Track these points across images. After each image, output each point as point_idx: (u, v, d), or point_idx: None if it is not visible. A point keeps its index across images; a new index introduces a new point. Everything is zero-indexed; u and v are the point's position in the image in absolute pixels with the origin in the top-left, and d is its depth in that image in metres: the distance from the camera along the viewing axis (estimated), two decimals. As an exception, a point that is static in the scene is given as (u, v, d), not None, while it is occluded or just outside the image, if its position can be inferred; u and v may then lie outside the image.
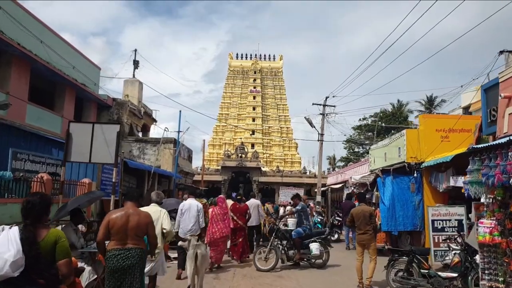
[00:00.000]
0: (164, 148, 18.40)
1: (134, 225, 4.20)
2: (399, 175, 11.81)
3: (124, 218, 4.20)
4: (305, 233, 9.37)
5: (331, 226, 15.48)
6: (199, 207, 8.26)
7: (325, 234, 9.80)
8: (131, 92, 20.36)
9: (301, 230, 9.38)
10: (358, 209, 8.12)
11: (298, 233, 9.30)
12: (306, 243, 9.35)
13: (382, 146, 13.89)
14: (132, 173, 13.96)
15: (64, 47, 15.70)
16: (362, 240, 7.82)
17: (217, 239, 9.02)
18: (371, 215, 7.83)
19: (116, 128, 9.02)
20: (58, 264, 2.96)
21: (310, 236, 9.45)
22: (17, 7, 12.96)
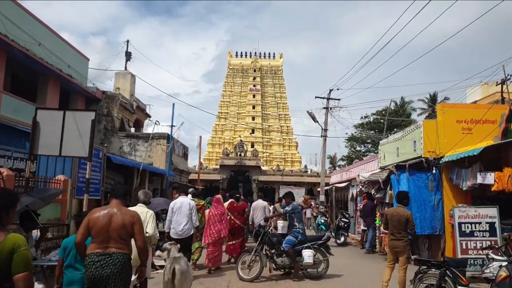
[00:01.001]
0: (156, 144, 17.00)
1: (117, 225, 3.68)
2: (415, 172, 10.40)
3: (106, 217, 3.69)
4: (297, 239, 7.79)
5: (336, 228, 14.07)
6: (191, 205, 7.73)
7: (323, 240, 8.00)
8: (123, 85, 18.96)
9: (292, 237, 7.77)
10: (393, 211, 6.83)
11: (289, 242, 7.67)
12: (299, 250, 7.78)
13: (394, 140, 12.48)
14: (118, 170, 12.56)
15: (48, 35, 14.31)
16: (395, 247, 6.55)
17: (215, 241, 8.48)
18: (408, 221, 6.51)
19: (90, 116, 7.68)
20: (15, 278, 2.45)
21: (303, 242, 7.84)
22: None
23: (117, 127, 17.49)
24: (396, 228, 6.56)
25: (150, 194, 5.91)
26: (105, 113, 17.23)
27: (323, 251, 7.93)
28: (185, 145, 20.53)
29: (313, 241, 7.92)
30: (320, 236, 8.12)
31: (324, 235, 8.11)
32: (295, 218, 7.92)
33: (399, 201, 7.03)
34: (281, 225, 8.37)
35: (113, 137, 17.15)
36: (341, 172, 19.23)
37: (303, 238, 7.84)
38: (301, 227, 7.90)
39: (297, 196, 29.76)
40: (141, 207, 5.37)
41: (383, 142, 13.63)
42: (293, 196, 8.44)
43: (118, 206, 3.83)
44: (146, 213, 5.23)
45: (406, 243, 6.52)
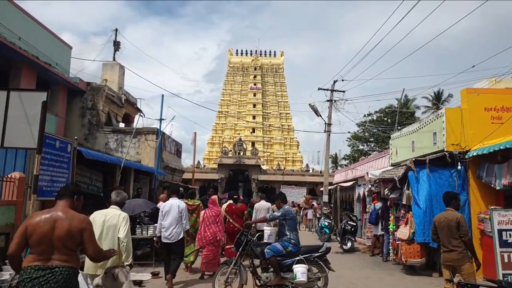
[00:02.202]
0: (145, 140, 15.40)
1: (62, 232, 3.06)
2: (436, 168, 8.77)
3: (48, 223, 3.07)
4: (285, 249, 6.05)
5: (342, 232, 12.42)
6: (181, 207, 7.14)
7: (321, 251, 6.18)
8: (111, 77, 17.37)
9: (279, 246, 6.08)
10: (440, 216, 5.36)
11: (274, 250, 6.04)
12: (289, 264, 6.05)
13: (409, 133, 10.84)
14: (96, 168, 10.96)
15: (23, 19, 12.73)
16: (448, 260, 5.07)
17: (210, 243, 7.97)
18: (459, 225, 5.04)
19: (41, 97, 6.13)
20: None
21: (294, 254, 6.09)
22: None
23: (103, 122, 15.88)
24: (446, 237, 5.08)
25: (124, 195, 5.04)
26: (90, 106, 15.62)
27: (321, 265, 6.12)
28: (178, 142, 18.90)
29: (308, 253, 6.12)
30: (317, 248, 6.24)
31: (322, 246, 6.28)
32: (286, 226, 6.20)
33: (446, 203, 5.45)
34: (267, 232, 6.54)
35: (98, 132, 15.54)
36: (346, 171, 17.58)
37: (294, 250, 6.08)
38: (294, 236, 6.14)
39: (298, 196, 28.16)
40: (113, 209, 4.75)
41: (395, 135, 11.99)
42: (285, 198, 6.71)
43: (64, 209, 3.20)
44: (119, 215, 4.63)
45: (463, 254, 4.96)
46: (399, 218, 9.39)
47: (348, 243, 12.15)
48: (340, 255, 11.57)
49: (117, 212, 4.68)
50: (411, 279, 8.18)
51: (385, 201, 10.41)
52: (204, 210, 8.42)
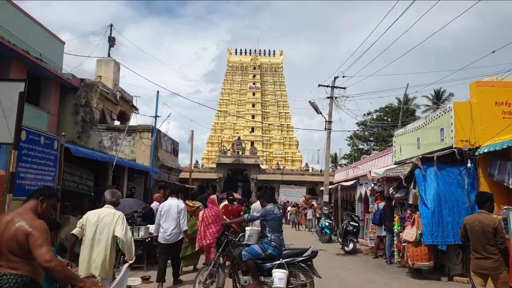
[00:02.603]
0: (140, 138, 14.86)
1: (8, 237, 2.76)
2: (445, 166, 8.25)
3: (1, 226, 2.80)
4: (264, 252, 5.55)
5: (344, 233, 11.89)
6: (180, 207, 7.00)
7: (305, 256, 5.59)
8: (105, 73, 16.83)
9: (258, 249, 5.58)
10: (474, 219, 4.73)
11: (252, 252, 5.56)
12: (269, 267, 5.51)
13: (414, 129, 10.31)
14: (87, 166, 10.43)
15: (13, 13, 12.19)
16: (482, 268, 4.50)
17: (209, 244, 7.71)
18: (496, 231, 4.46)
19: (19, 87, 5.62)
20: None
21: (275, 257, 5.55)
22: None
23: (96, 119, 15.34)
24: (480, 243, 4.52)
25: (118, 194, 4.86)
26: (83, 103, 15.08)
27: (307, 270, 5.57)
28: (174, 140, 18.35)
29: (291, 257, 5.56)
30: (302, 251, 5.65)
31: (307, 249, 5.69)
32: (267, 227, 5.69)
33: (480, 205, 4.83)
34: (247, 233, 6.07)
35: (91, 130, 15.01)
36: (346, 170, 17.05)
37: (275, 253, 5.55)
38: (275, 238, 5.60)
39: (298, 196, 27.63)
40: (108, 208, 4.58)
41: (399, 132, 11.47)
42: (269, 196, 6.23)
43: (22, 212, 2.92)
44: (114, 214, 4.47)
45: (499, 262, 4.43)
46: (405, 218, 8.86)
47: (350, 245, 11.62)
48: (342, 257, 11.04)
49: (111, 211, 4.50)
50: (419, 283, 7.65)
51: (389, 201, 9.88)
52: (203, 210, 8.19)
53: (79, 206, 10.37)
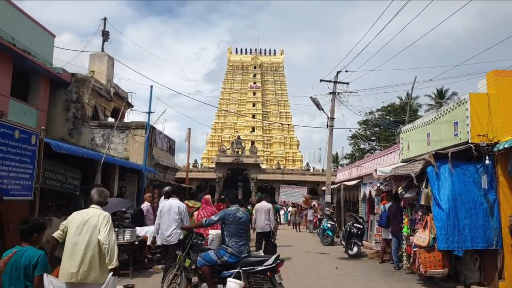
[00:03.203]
0: (133, 135, 14.10)
1: None
2: (460, 163, 7.46)
3: None
4: (220, 259, 5.00)
5: (347, 236, 11.10)
6: (181, 208, 6.80)
7: (266, 265, 4.93)
8: (99, 68, 16.08)
9: (213, 255, 5.05)
10: None
11: (206, 259, 5.04)
12: (227, 276, 4.91)
13: (423, 124, 9.52)
14: (73, 164, 9.68)
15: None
16: None
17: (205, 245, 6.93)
18: None
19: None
20: None
21: (233, 265, 4.96)
22: None
23: (88, 116, 14.59)
24: None
25: (106, 193, 4.52)
26: (75, 99, 14.33)
27: (267, 280, 4.90)
28: (171, 138, 17.57)
29: (251, 265, 4.93)
30: (263, 260, 5.02)
31: (269, 258, 5.04)
32: (225, 231, 5.13)
33: None
34: (210, 237, 5.65)
35: (83, 127, 14.25)
36: (349, 169, 16.26)
37: (232, 260, 4.97)
38: (233, 244, 5.01)
39: (299, 196, 26.86)
40: (94, 209, 4.24)
41: (406, 128, 10.67)
42: (233, 197, 5.63)
43: None
44: (99, 215, 4.12)
45: None
46: (415, 220, 8.07)
47: (355, 248, 10.84)
48: (346, 261, 10.26)
49: (97, 212, 4.16)
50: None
51: (397, 201, 9.09)
52: (198, 210, 7.95)
53: (64, 206, 9.60)
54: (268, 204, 9.79)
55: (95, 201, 4.28)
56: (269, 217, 9.46)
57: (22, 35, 12.36)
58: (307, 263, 9.88)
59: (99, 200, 4.30)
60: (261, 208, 9.58)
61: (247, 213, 5.47)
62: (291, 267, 9.17)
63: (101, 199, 4.31)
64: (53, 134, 13.84)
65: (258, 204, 9.87)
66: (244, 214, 5.25)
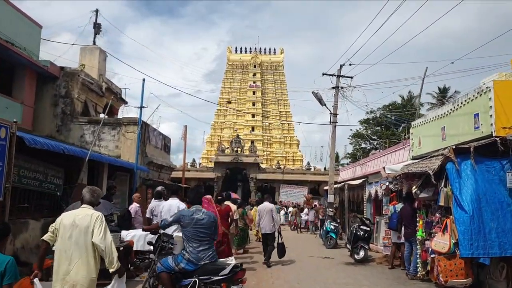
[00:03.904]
0: (125, 132, 13.22)
1: None
2: (483, 159, 6.58)
3: None
4: (177, 266, 4.44)
5: (353, 239, 10.22)
6: (180, 208, 6.55)
7: (222, 275, 4.36)
8: (90, 62, 15.22)
9: (171, 261, 4.54)
10: None
11: (165, 265, 4.57)
12: (186, 284, 4.39)
13: (437, 117, 8.64)
14: (55, 162, 8.79)
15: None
16: None
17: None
18: None
19: None
20: None
21: (191, 273, 4.39)
22: None
23: (78, 112, 13.71)
24: None
25: (98, 192, 4.23)
26: (63, 94, 13.46)
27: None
28: (166, 136, 16.69)
29: (207, 274, 4.35)
30: (220, 268, 4.41)
31: (228, 265, 4.46)
32: (183, 235, 4.61)
33: None
34: (173, 240, 5.24)
35: (72, 124, 13.37)
36: (353, 167, 15.39)
37: (189, 268, 4.41)
38: (191, 250, 4.43)
39: (299, 196, 25.97)
40: (85, 209, 3.93)
41: (417, 123, 9.80)
42: (195, 197, 5.01)
43: None
44: (91, 216, 3.81)
45: None
46: (431, 223, 7.19)
47: (361, 252, 9.95)
48: (353, 267, 9.37)
49: (88, 212, 3.89)
50: (455, 306, 5.99)
51: (410, 202, 8.19)
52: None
53: (47, 208, 8.73)
54: (270, 205, 9.68)
55: (87, 201, 4.02)
56: (272, 218, 9.31)
57: (6, 25, 11.48)
58: (310, 269, 9.01)
59: (91, 200, 4.03)
60: (264, 209, 9.43)
61: (211, 215, 4.76)
62: (293, 274, 8.30)
63: (93, 199, 4.06)
64: (41, 130, 12.99)
65: (261, 205, 9.75)
66: (205, 216, 4.62)
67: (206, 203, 7.21)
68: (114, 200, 11.92)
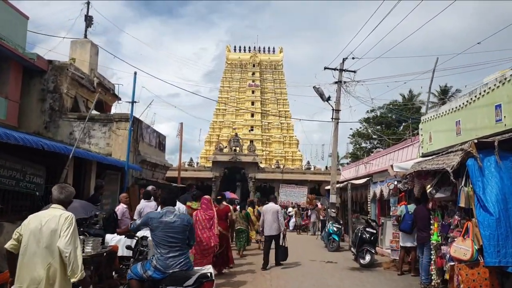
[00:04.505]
0: (116, 129, 12.45)
1: None
2: (508, 154, 5.83)
3: None
4: (145, 274, 4.04)
5: (358, 242, 9.47)
6: (181, 210, 6.02)
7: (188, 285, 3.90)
8: (81, 56, 14.46)
9: (140, 267, 4.14)
10: None
11: (134, 271, 4.19)
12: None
13: (451, 110, 7.89)
14: (36, 159, 8.03)
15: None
16: None
17: (205, 249, 6.85)
18: None
19: None
20: None
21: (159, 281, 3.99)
22: None
23: (67, 107, 12.95)
24: None
25: (69, 190, 3.69)
26: (52, 88, 12.69)
27: None
28: (161, 134, 15.91)
29: (173, 284, 3.90)
30: (185, 278, 3.92)
31: (194, 275, 3.96)
32: (152, 240, 4.24)
33: None
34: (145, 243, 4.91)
35: (61, 120, 12.61)
36: (356, 166, 14.64)
37: (156, 276, 3.98)
38: (159, 256, 4.01)
39: (299, 196, 25.17)
40: (54, 209, 3.48)
41: (428, 117, 9.05)
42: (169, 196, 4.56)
43: None
44: (59, 217, 3.37)
45: None
46: (448, 226, 6.44)
47: (367, 256, 9.20)
48: (358, 273, 8.61)
49: (57, 213, 3.47)
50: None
51: (423, 203, 7.44)
52: (195, 212, 7.20)
53: (24, 209, 7.96)
54: (276, 206, 9.41)
55: (56, 200, 3.60)
56: (277, 219, 8.99)
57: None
58: (312, 276, 8.25)
59: (60, 199, 3.61)
60: (269, 210, 9.10)
61: (184, 218, 4.24)
62: (294, 282, 7.54)
63: (62, 197, 3.62)
64: (27, 127, 12.22)
65: (266, 206, 9.47)
66: (177, 219, 4.12)
67: (204, 204, 7.11)
68: (104, 201, 11.20)
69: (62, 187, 3.75)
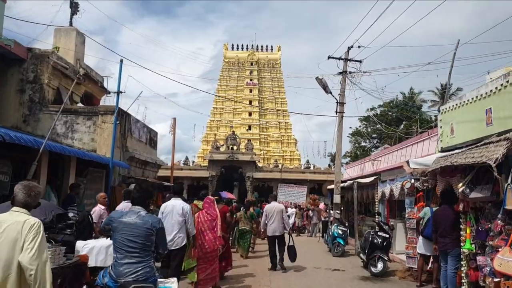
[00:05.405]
0: (102, 122, 11.31)
1: None
2: None
3: None
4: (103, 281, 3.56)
5: (369, 248, 8.36)
6: (185, 210, 6.00)
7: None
8: (66, 45, 13.30)
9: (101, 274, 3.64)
10: None
11: (99, 278, 3.70)
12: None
13: (478, 98, 6.78)
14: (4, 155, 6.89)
15: None
16: None
17: (208, 253, 6.36)
18: None
19: None
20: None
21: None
22: None
23: (49, 99, 11.79)
24: None
25: (37, 190, 3.08)
26: (31, 78, 11.54)
27: None
28: (152, 129, 14.76)
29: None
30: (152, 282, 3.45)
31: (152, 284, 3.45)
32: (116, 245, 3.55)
33: None
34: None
35: (41, 113, 11.46)
36: (362, 163, 13.53)
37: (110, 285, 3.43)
38: (115, 262, 3.50)
39: (298, 196, 24.12)
40: (16, 212, 2.89)
41: (448, 107, 7.93)
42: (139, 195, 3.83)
43: None
44: (23, 224, 2.80)
45: None
46: (486, 233, 5.32)
47: (379, 264, 8.08)
48: (371, 284, 7.49)
49: (20, 218, 2.83)
50: None
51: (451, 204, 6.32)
52: (198, 213, 6.79)
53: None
54: (280, 205, 9.18)
55: (20, 202, 2.98)
56: (282, 219, 8.64)
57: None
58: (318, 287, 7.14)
59: (26, 201, 3.01)
60: (273, 210, 8.74)
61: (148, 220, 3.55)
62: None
63: (29, 199, 3.02)
64: (4, 120, 11.06)
65: (269, 205, 9.05)
66: (139, 220, 3.50)
67: (207, 204, 6.72)
68: (87, 201, 10.05)
69: (29, 187, 3.05)
